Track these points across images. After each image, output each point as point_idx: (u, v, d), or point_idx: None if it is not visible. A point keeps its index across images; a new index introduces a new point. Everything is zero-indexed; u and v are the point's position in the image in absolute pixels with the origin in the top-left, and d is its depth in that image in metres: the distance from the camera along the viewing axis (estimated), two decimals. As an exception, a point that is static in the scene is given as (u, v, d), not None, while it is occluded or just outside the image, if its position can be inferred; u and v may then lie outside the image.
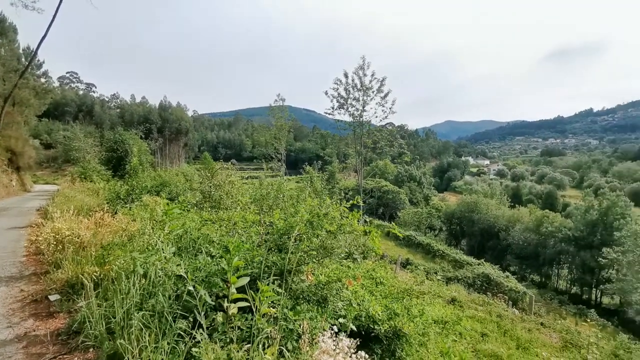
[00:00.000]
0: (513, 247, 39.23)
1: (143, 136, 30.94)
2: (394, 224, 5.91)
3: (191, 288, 2.79)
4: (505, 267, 34.32)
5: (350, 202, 4.42)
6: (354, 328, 3.57)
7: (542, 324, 12.37)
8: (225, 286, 3.08)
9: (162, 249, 3.25)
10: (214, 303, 3.00)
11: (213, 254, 3.68)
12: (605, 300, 33.88)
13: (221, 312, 2.96)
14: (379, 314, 4.02)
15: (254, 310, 2.87)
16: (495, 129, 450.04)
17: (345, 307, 3.79)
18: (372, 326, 4.10)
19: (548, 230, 36.92)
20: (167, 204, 5.00)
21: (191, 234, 4.26)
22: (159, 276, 3.10)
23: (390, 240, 34.02)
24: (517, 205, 51.48)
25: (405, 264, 26.50)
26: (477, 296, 16.63)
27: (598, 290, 33.79)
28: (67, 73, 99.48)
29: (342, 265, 5.10)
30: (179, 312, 2.92)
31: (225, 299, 2.94)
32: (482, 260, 28.82)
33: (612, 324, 23.37)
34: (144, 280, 3.11)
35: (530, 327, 11.38)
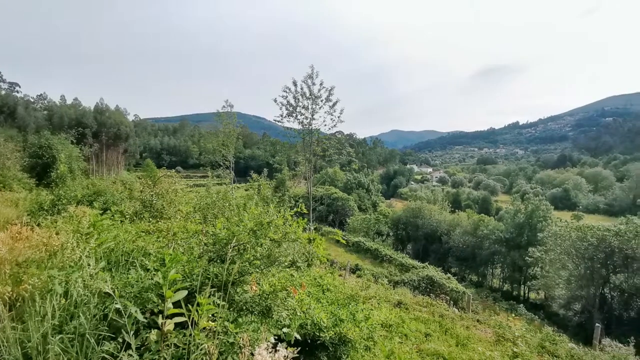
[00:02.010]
0: (454, 250, 41.83)
1: (74, 141, 28.34)
2: (338, 230, 5.98)
3: (119, 306, 2.58)
4: (447, 269, 36.43)
5: (295, 209, 4.40)
6: (298, 337, 3.54)
7: (478, 320, 13.23)
8: (161, 301, 2.89)
9: (88, 265, 2.97)
10: (147, 320, 2.80)
11: (148, 268, 3.44)
12: (532, 295, 37.34)
13: (155, 330, 2.76)
14: (323, 321, 4.03)
15: (193, 325, 2.72)
16: (436, 138, 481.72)
17: (290, 316, 3.74)
18: (318, 334, 4.10)
19: (484, 233, 39.95)
20: (99, 214, 4.59)
21: (124, 247, 3.95)
22: (83, 295, 2.83)
23: (340, 246, 34.54)
24: (457, 210, 55.18)
25: (355, 270, 27.04)
26: (421, 298, 17.39)
27: (526, 287, 37.15)
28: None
29: (289, 274, 5.05)
30: (106, 333, 2.68)
31: (161, 315, 2.76)
32: (426, 263, 30.34)
33: (539, 317, 25.70)
34: (64, 300, 2.82)
35: (468, 325, 12.11)
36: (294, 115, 25.15)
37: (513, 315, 16.50)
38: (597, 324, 13.12)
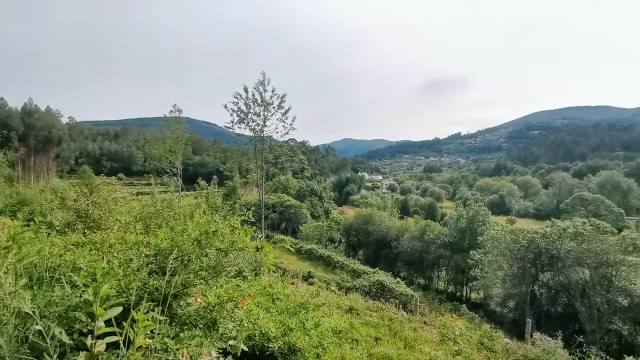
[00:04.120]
0: (402, 255, 43.33)
1: (-3, 145, 25.39)
2: (287, 238, 5.98)
3: (39, 327, 2.32)
4: (396, 274, 37.57)
5: (242, 217, 4.31)
6: (246, 349, 3.44)
7: (425, 322, 13.83)
8: (90, 320, 2.64)
9: (6, 282, 2.64)
10: (73, 342, 2.54)
11: (77, 284, 3.14)
12: (474, 295, 39.82)
13: (84, 352, 2.52)
14: (272, 331, 3.96)
15: (128, 344, 2.52)
16: (386, 147, 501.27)
17: (237, 327, 3.62)
18: (267, 344, 4.01)
19: (430, 237, 41.91)
20: (20, 226, 4.12)
21: (49, 262, 3.57)
22: (1, 315, 2.51)
23: (293, 254, 34.35)
24: (405, 216, 57.42)
25: (307, 277, 27.00)
26: (372, 303, 17.78)
27: (468, 288, 39.54)
28: None
29: (235, 284, 4.91)
30: (28, 357, 2.40)
31: (90, 336, 2.52)
32: (377, 268, 31.11)
33: (479, 316, 27.43)
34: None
35: (416, 327, 12.60)
36: (246, 121, 24.80)
37: (456, 315, 17.45)
38: (528, 319, 14.30)
